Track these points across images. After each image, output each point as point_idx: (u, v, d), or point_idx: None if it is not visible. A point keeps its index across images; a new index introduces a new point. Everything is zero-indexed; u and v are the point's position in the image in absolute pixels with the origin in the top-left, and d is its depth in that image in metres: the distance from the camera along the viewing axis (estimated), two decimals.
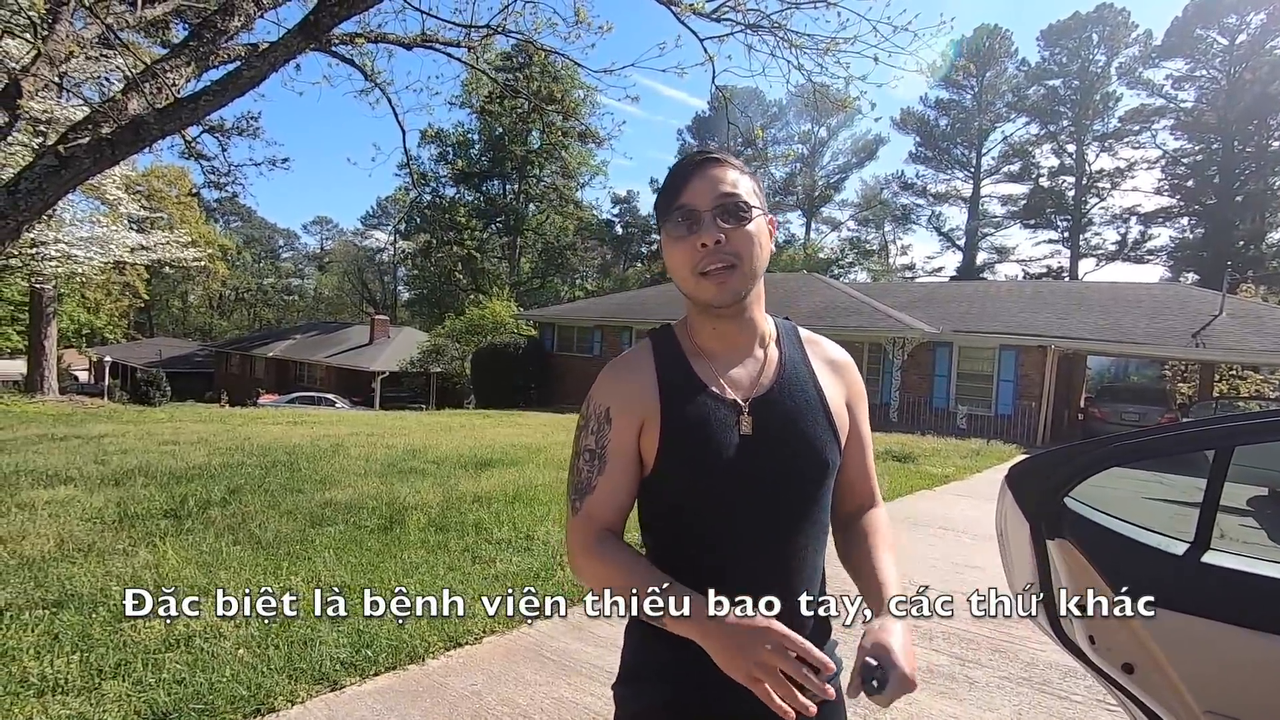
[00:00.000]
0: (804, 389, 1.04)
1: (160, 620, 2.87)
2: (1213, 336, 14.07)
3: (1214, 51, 37.64)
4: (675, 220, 0.99)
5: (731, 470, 0.97)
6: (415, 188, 24.16)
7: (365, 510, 4.98)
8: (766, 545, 0.99)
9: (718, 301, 0.99)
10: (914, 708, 2.66)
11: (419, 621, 3.03)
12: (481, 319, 27.16)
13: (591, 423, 1.03)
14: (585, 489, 1.01)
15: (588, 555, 0.98)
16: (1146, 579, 1.18)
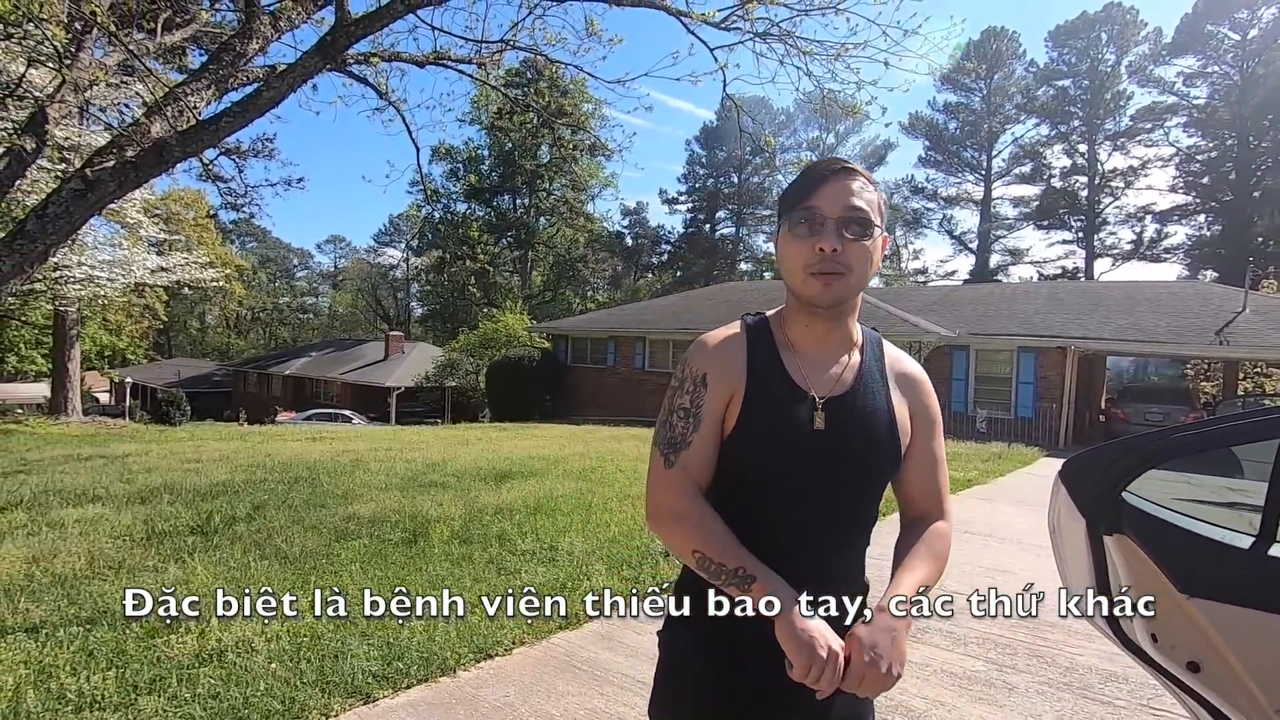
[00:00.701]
0: (876, 397, 1.10)
1: (194, 635, 2.88)
2: (1236, 334, 13.85)
3: (1226, 47, 37.31)
4: (800, 219, 1.04)
5: (797, 458, 1.04)
6: (428, 204, 24.41)
7: (388, 524, 4.98)
8: (812, 535, 1.05)
9: (820, 301, 1.06)
10: (954, 714, 2.61)
11: (449, 633, 3.02)
12: (495, 333, 27.29)
13: (688, 384, 1.09)
14: (680, 444, 1.06)
15: (686, 507, 1.03)
16: (1212, 573, 1.14)
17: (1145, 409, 14.19)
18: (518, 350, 23.43)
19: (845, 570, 1.10)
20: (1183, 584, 1.16)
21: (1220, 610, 1.14)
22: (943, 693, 2.79)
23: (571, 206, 45.06)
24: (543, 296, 45.33)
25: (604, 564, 4.20)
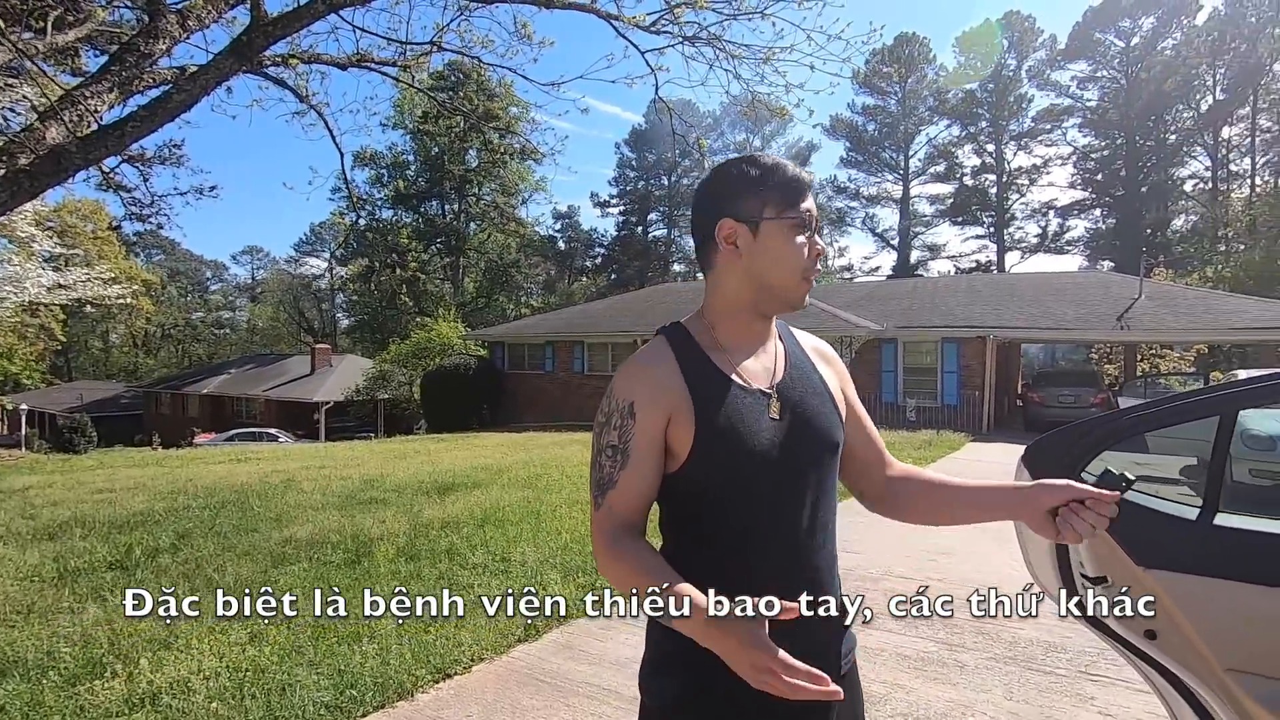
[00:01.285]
0: (810, 377, 1.12)
1: (120, 679, 2.67)
2: (1134, 319, 14.92)
3: (1112, 53, 40.23)
4: (799, 222, 1.05)
5: (765, 455, 1.01)
6: (353, 211, 23.52)
7: (329, 545, 4.77)
8: (798, 532, 1.03)
9: (802, 306, 1.08)
10: (913, 695, 2.69)
11: (403, 654, 2.91)
12: (428, 342, 26.58)
13: (614, 418, 1.03)
14: (608, 485, 1.02)
15: (604, 554, 1.00)
16: (1163, 544, 1.21)
17: (1057, 392, 15.08)
18: (453, 359, 22.90)
19: (829, 563, 1.08)
20: (1139, 557, 1.22)
21: (1173, 579, 1.21)
22: (900, 675, 2.87)
23: (502, 211, 44.42)
24: (476, 303, 44.49)
25: (558, 572, 4.14)
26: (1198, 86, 37.85)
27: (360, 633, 3.14)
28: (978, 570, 4.44)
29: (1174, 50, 38.01)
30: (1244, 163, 37.73)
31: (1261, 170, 36.89)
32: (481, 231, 45.34)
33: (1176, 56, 37.66)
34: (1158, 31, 38.80)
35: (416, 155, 43.80)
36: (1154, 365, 22.30)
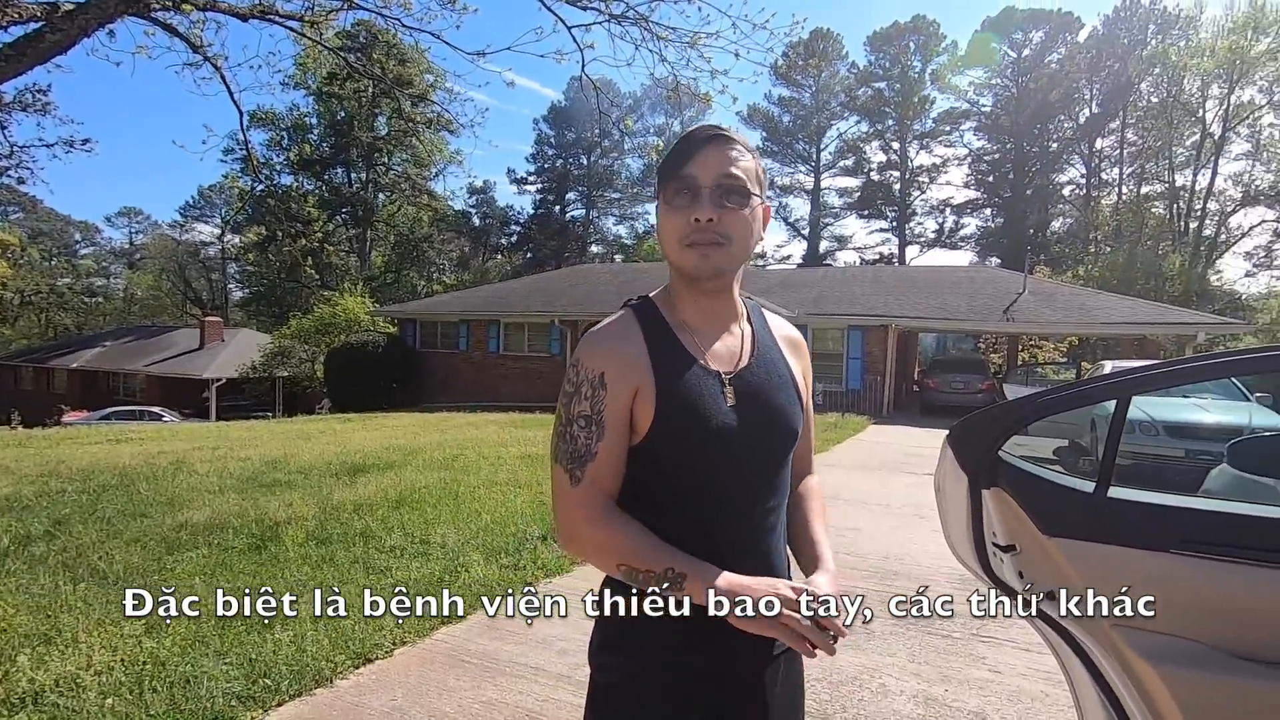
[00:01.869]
0: (775, 364, 1.10)
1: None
2: (1018, 312, 16.18)
3: (1005, 63, 43.02)
4: (676, 189, 1.00)
5: (720, 438, 0.99)
6: (251, 176, 21.72)
7: (230, 530, 4.50)
8: (745, 507, 1.03)
9: (697, 272, 1.01)
10: (826, 662, 2.85)
11: (320, 640, 2.80)
12: (333, 317, 25.28)
13: (584, 388, 1.00)
14: (586, 456, 0.98)
15: (597, 526, 0.97)
16: (1064, 515, 1.34)
17: (950, 379, 16.19)
18: (360, 335, 21.92)
19: (778, 546, 1.10)
20: (1044, 526, 1.35)
21: (1072, 546, 1.35)
22: None
23: (414, 183, 42.64)
24: (385, 278, 42.61)
25: (480, 553, 4.09)
26: (1077, 99, 41.13)
27: (272, 620, 3.00)
28: (881, 545, 4.73)
29: (1058, 64, 41.10)
30: (1113, 172, 41.44)
31: (1127, 180, 40.63)
32: (391, 203, 43.40)
33: (1060, 70, 40.73)
34: (1045, 45, 41.80)
35: (321, 119, 41.27)
36: (1033, 355, 24.30)
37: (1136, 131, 39.10)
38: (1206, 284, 33.47)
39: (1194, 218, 36.05)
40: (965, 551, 1.48)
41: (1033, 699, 2.60)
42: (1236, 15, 33.28)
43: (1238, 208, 35.92)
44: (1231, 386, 7.71)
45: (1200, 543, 1.28)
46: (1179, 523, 1.31)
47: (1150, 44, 37.26)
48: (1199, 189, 36.07)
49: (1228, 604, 1.28)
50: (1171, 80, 35.34)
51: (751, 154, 1.03)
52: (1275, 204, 34.87)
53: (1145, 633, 1.31)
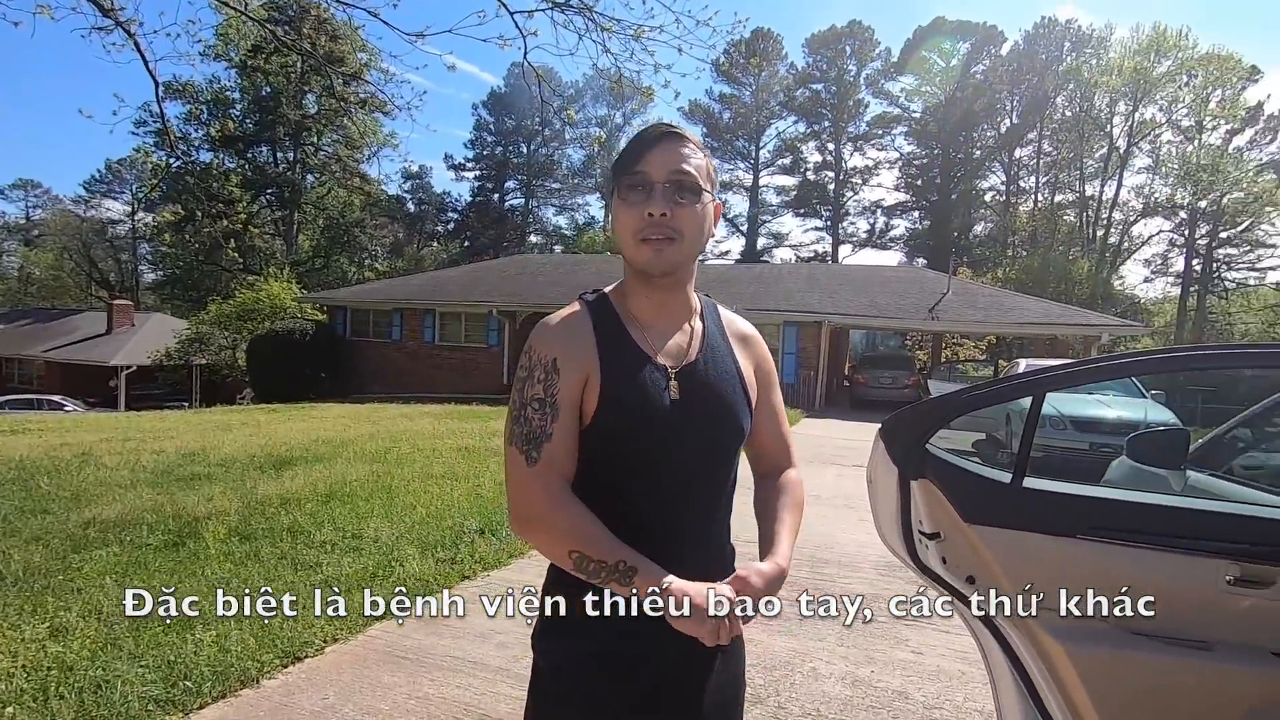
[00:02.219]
0: (723, 361, 1.11)
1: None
2: (942, 311, 16.94)
3: (935, 71, 44.78)
4: (630, 185, 1.02)
5: (660, 431, 1.01)
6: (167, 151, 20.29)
7: (143, 526, 4.26)
8: (684, 501, 1.05)
9: (651, 268, 1.03)
10: (760, 647, 2.94)
11: (244, 639, 2.70)
12: (257, 302, 24.10)
13: (537, 372, 1.02)
14: (541, 437, 0.99)
15: (555, 507, 0.97)
16: (985, 504, 1.43)
17: (878, 374, 16.82)
18: (286, 322, 21.00)
19: (719, 538, 1.13)
20: (965, 514, 1.44)
21: (990, 533, 1.44)
22: (749, 630, 3.11)
23: (345, 165, 40.94)
24: (313, 263, 40.87)
25: (415, 548, 4.01)
26: (999, 110, 43.25)
27: (192, 620, 2.86)
28: (813, 535, 4.89)
29: (983, 75, 43.09)
30: (1030, 180, 43.84)
31: (1043, 188, 43.07)
32: (320, 185, 41.61)
33: (985, 81, 42.73)
34: (971, 56, 43.71)
35: (245, 94, 39.13)
36: (956, 353, 25.50)
37: (1052, 143, 41.47)
38: (1111, 288, 35.92)
39: (1101, 226, 38.60)
40: (894, 539, 1.55)
41: (951, 678, 2.76)
42: (1141, 38, 35.74)
43: (1139, 218, 38.68)
44: (1130, 385, 8.31)
45: (1103, 529, 1.40)
46: (1085, 510, 1.42)
47: (1065, 60, 39.54)
48: (1106, 199, 38.66)
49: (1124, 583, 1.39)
50: (1083, 96, 37.66)
51: (703, 152, 1.06)
52: (1171, 215, 37.69)
53: (1055, 613, 1.41)
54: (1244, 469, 2.37)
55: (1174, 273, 40.05)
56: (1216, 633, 1.41)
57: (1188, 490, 2.18)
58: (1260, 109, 36.39)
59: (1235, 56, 34.35)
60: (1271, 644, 1.41)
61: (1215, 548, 1.33)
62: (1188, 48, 34.74)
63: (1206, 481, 2.17)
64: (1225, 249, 38.25)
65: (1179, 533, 1.34)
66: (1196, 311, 38.31)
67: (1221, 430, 2.41)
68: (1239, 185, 33.93)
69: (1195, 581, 1.40)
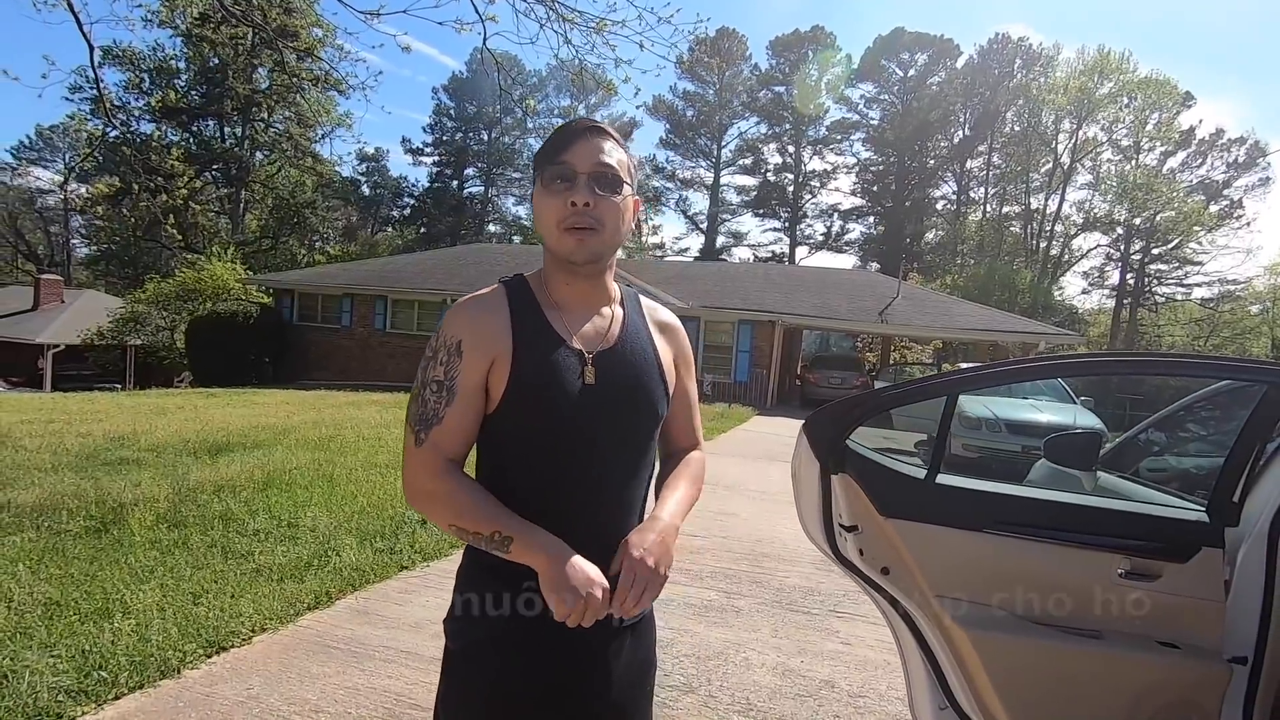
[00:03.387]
0: (642, 347, 1.13)
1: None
2: (892, 315, 17.39)
3: (893, 80, 45.85)
4: (553, 175, 1.04)
5: (573, 414, 1.03)
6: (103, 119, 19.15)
7: (64, 512, 4.07)
8: (599, 485, 1.07)
9: (575, 257, 1.05)
10: (695, 638, 2.99)
11: (166, 628, 2.61)
12: (198, 282, 23.14)
13: (441, 354, 1.04)
14: (432, 419, 1.02)
15: (436, 483, 1.00)
16: (900, 499, 1.49)
17: (829, 374, 17.20)
18: (229, 304, 20.23)
19: (635, 512, 1.13)
20: (882, 508, 1.50)
21: (904, 526, 1.51)
22: (686, 622, 3.18)
23: (297, 144, 39.56)
24: (260, 244, 39.41)
25: (354, 537, 3.94)
26: (952, 121, 44.55)
27: (109, 609, 2.76)
28: (755, 529, 4.99)
29: (938, 87, 44.30)
30: (980, 191, 45.29)
31: (991, 200, 44.55)
32: (270, 163, 40.14)
33: (940, 93, 43.94)
34: (928, 68, 44.89)
35: (190, 64, 37.43)
36: (904, 355, 26.22)
37: (1001, 156, 42.93)
38: (1051, 298, 37.41)
39: (1044, 238, 40.19)
40: (816, 531, 1.61)
41: (876, 667, 2.86)
42: (1086, 59, 37.27)
43: (1079, 232, 40.40)
44: (1062, 390, 8.71)
45: (1006, 523, 1.47)
46: (991, 506, 1.50)
47: (1016, 77, 40.97)
48: (1049, 212, 40.24)
49: (1026, 575, 1.47)
50: (1031, 112, 39.09)
51: (624, 148, 1.09)
52: (1109, 231, 39.48)
53: (959, 601, 1.49)
54: (1149, 471, 2.52)
55: (1109, 285, 42.05)
56: (1107, 623, 1.51)
57: (1097, 490, 2.31)
58: (1192, 134, 38.42)
59: (1172, 82, 36.18)
60: (1156, 633, 1.51)
61: (1103, 542, 1.42)
62: (1129, 71, 36.41)
63: (1114, 482, 2.30)
64: (1156, 265, 40.28)
65: (1072, 528, 1.42)
66: (1129, 323, 40.26)
67: (1130, 434, 2.56)
68: (1170, 205, 35.75)
69: (1090, 574, 1.49)
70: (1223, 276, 38.99)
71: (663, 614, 3.18)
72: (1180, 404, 2.43)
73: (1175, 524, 1.53)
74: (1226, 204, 38.18)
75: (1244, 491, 1.53)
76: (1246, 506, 1.56)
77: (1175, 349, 38.43)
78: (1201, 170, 39.02)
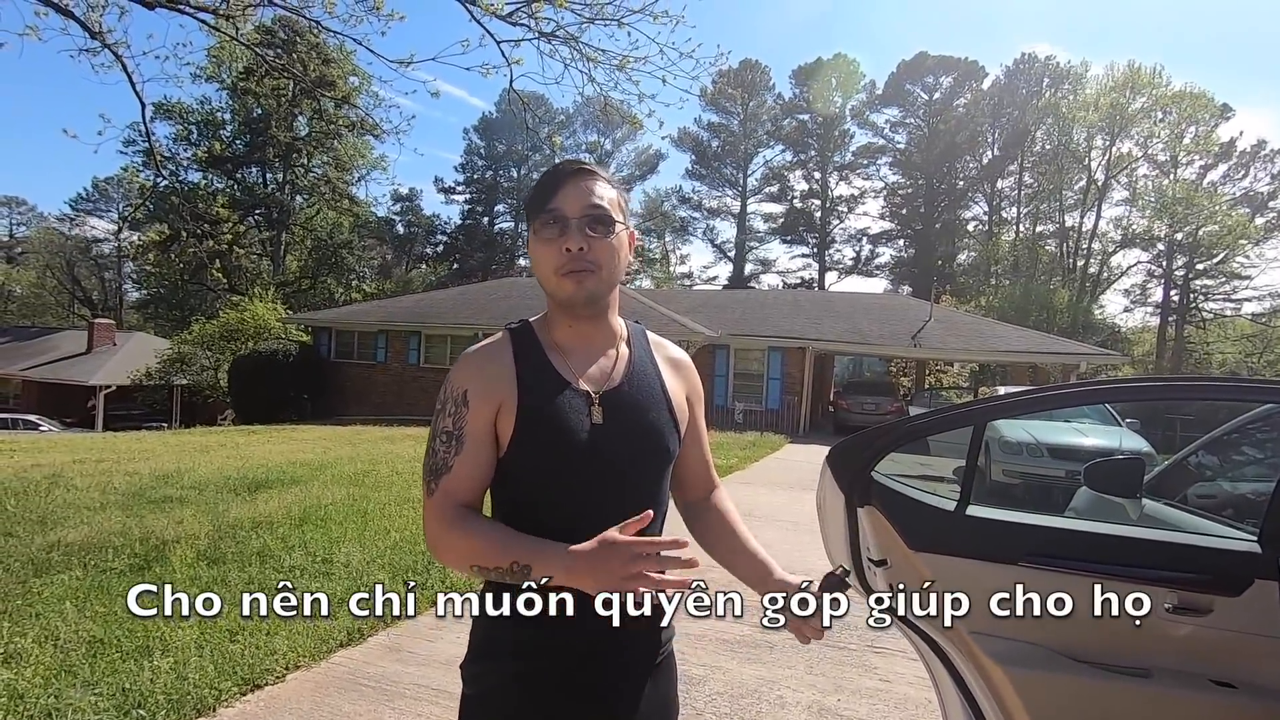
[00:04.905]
0: (650, 384, 1.13)
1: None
2: (925, 338, 17.12)
3: (919, 104, 45.82)
4: (545, 222, 1.05)
5: (583, 455, 1.03)
6: (154, 170, 20.09)
7: (110, 550, 4.19)
8: (612, 524, 1.02)
9: (574, 300, 1.06)
10: (729, 675, 2.92)
11: (204, 666, 2.65)
12: (241, 323, 23.96)
13: (449, 405, 1.06)
14: (441, 469, 1.03)
15: (448, 531, 1.00)
16: (929, 531, 1.45)
17: (862, 400, 16.93)
18: (270, 343, 20.87)
19: None
20: (911, 542, 1.46)
21: (936, 560, 1.46)
22: (718, 658, 3.11)
23: (335, 187, 41.04)
24: (300, 284, 40.74)
25: (387, 573, 3.97)
26: (981, 142, 44.22)
27: (150, 646, 2.82)
28: (789, 560, 4.88)
29: (965, 109, 44.14)
30: (1012, 211, 44.64)
31: (1025, 219, 43.85)
32: (309, 206, 41.62)
33: (967, 114, 43.75)
34: (954, 90, 44.81)
35: (235, 115, 39.24)
36: (939, 379, 25.70)
37: (1032, 175, 42.37)
38: (1091, 317, 36.45)
39: (1081, 256, 39.31)
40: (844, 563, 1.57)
41: (918, 706, 2.75)
42: (1116, 75, 36.77)
43: (1117, 249, 39.42)
44: (1106, 413, 8.41)
45: (1041, 555, 1.42)
46: (1025, 538, 1.45)
47: (1044, 95, 40.57)
48: (1085, 230, 39.43)
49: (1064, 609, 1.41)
50: (1062, 130, 38.56)
51: (613, 185, 1.10)
52: (1149, 247, 38.46)
53: (996, 638, 1.43)
54: (1199, 497, 2.42)
55: (1153, 303, 40.79)
56: (1157, 660, 1.43)
57: (1142, 518, 2.22)
58: (1233, 145, 37.43)
59: (1207, 94, 35.42)
60: (1210, 671, 1.43)
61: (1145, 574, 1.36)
62: (1161, 85, 35.78)
63: (1160, 510, 2.21)
64: (1202, 280, 38.98)
65: (1111, 560, 1.37)
66: (1175, 341, 38.93)
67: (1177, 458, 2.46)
68: (1214, 219, 34.73)
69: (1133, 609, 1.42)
70: (1274, 290, 37.59)
71: (695, 649, 3.13)
72: (1229, 425, 2.33)
73: (1224, 555, 1.45)
74: (1274, 215, 36.96)
75: None
76: None
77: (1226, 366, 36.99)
78: (1245, 182, 37.94)
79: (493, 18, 7.05)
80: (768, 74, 48.12)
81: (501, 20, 7.35)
